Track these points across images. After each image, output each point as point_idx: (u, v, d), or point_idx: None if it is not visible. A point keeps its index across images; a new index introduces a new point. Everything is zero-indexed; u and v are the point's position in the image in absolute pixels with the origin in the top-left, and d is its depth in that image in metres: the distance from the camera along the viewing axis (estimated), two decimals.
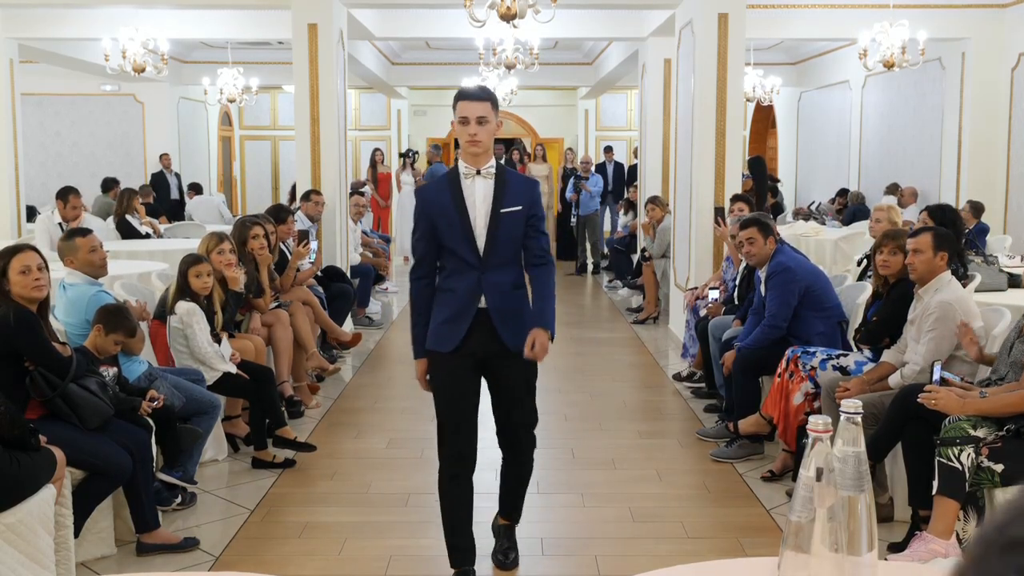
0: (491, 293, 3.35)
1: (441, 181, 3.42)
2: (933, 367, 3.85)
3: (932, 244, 4.12)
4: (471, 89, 3.37)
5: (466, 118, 3.27)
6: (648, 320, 9.38)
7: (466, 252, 3.33)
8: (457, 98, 3.33)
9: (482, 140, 3.27)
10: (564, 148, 17.00)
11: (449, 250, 3.37)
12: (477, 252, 3.34)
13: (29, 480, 3.17)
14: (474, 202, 3.33)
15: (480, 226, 3.33)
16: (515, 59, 9.57)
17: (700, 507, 4.44)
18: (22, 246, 3.80)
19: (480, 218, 3.33)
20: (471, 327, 3.35)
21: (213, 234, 5.44)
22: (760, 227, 5.24)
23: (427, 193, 3.47)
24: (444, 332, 3.37)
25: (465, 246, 3.33)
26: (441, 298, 3.40)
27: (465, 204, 3.32)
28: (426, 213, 3.37)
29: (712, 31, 7.52)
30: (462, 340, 3.35)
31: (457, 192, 3.33)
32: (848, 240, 8.82)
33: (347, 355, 7.66)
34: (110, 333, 4.09)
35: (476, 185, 3.33)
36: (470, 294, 3.35)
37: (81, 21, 10.32)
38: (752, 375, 5.15)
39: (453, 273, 3.39)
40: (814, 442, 1.52)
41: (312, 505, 4.41)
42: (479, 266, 3.35)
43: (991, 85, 9.95)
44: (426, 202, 3.40)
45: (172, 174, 14.32)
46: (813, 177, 14.98)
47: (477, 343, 3.36)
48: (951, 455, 3.39)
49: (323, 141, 8.17)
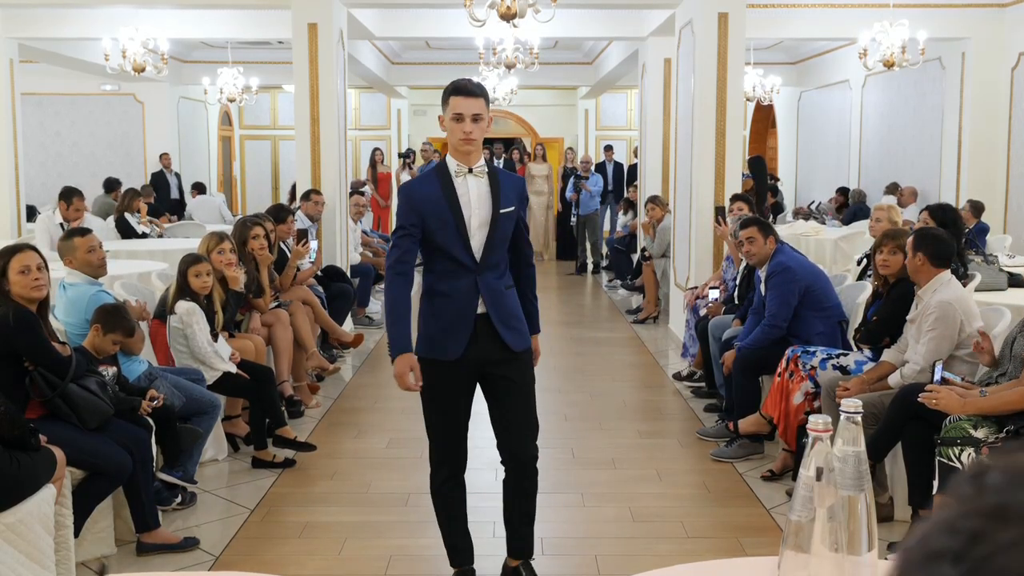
0: (489, 296, 3.21)
1: (429, 177, 3.24)
2: (935, 367, 3.85)
3: (912, 245, 4.17)
4: (467, 84, 3.16)
5: (461, 115, 3.11)
6: (648, 320, 9.38)
7: (460, 253, 3.17)
8: (451, 92, 3.13)
9: (476, 138, 3.14)
10: (564, 148, 16.99)
11: (441, 251, 3.20)
12: (472, 254, 3.18)
13: (29, 480, 3.17)
14: (469, 202, 3.17)
15: (475, 227, 3.18)
16: (515, 59, 9.57)
17: (700, 507, 4.44)
18: (21, 246, 3.80)
19: (475, 219, 3.18)
20: (473, 333, 3.21)
21: (213, 234, 5.44)
22: (760, 226, 5.25)
23: (416, 188, 3.25)
24: (443, 339, 3.20)
25: (459, 247, 3.17)
26: (435, 303, 3.23)
27: (459, 204, 3.16)
28: (416, 209, 3.18)
29: (712, 31, 7.52)
30: (465, 347, 3.20)
31: (450, 191, 3.17)
32: (848, 240, 8.82)
33: (347, 355, 7.66)
34: (108, 333, 4.09)
35: (469, 184, 3.18)
36: (467, 298, 3.20)
37: (81, 21, 10.31)
38: (752, 375, 5.15)
39: (445, 275, 3.22)
40: (814, 442, 1.52)
41: (312, 505, 4.41)
42: (475, 268, 3.20)
43: (991, 85, 9.94)
44: (415, 198, 3.20)
45: (172, 174, 14.32)
46: (813, 177, 14.98)
47: (480, 349, 3.22)
48: (952, 455, 3.39)
49: (323, 141, 8.17)
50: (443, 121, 3.17)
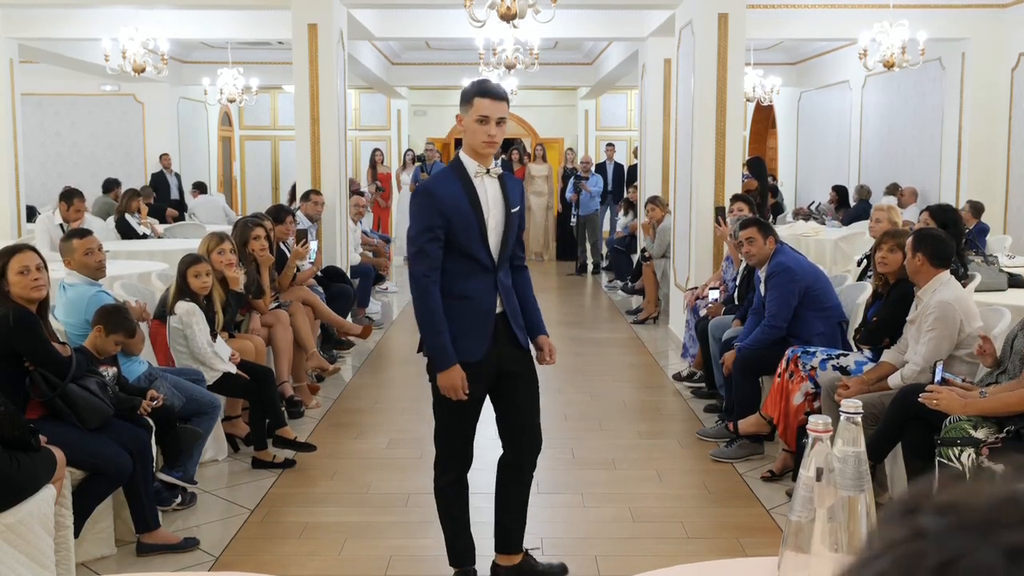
0: (505, 294, 3.26)
1: (449, 178, 3.22)
2: (935, 367, 3.85)
3: (911, 245, 4.17)
4: (493, 87, 3.15)
5: (487, 117, 3.09)
6: (648, 320, 9.38)
7: (481, 253, 3.18)
8: (477, 94, 3.10)
9: (499, 141, 3.15)
10: (564, 148, 16.99)
11: (462, 252, 3.17)
12: (491, 254, 3.20)
13: (29, 480, 3.17)
14: (487, 201, 3.18)
15: (492, 227, 3.20)
16: (515, 59, 9.57)
17: (700, 507, 4.44)
18: (21, 246, 3.80)
19: (492, 219, 3.20)
20: (493, 332, 3.24)
21: (213, 234, 5.44)
22: (760, 227, 5.26)
23: (437, 189, 3.20)
24: (465, 341, 3.19)
25: (481, 248, 3.17)
26: (452, 305, 3.18)
27: (480, 204, 3.17)
28: (440, 210, 3.12)
29: (712, 31, 7.52)
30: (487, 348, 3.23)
31: (471, 190, 3.16)
32: (848, 240, 8.83)
33: (347, 355, 7.66)
34: (111, 334, 4.09)
35: (486, 184, 3.20)
36: (488, 298, 3.22)
37: (81, 21, 10.31)
38: (752, 375, 5.15)
39: (461, 276, 3.19)
40: (814, 442, 1.52)
41: (312, 505, 4.41)
42: (493, 268, 3.22)
43: (991, 85, 9.94)
44: (438, 198, 3.15)
45: (172, 174, 14.31)
46: (813, 177, 14.97)
47: (500, 348, 3.26)
48: (951, 456, 3.39)
49: (323, 141, 8.17)
50: (461, 120, 3.14)
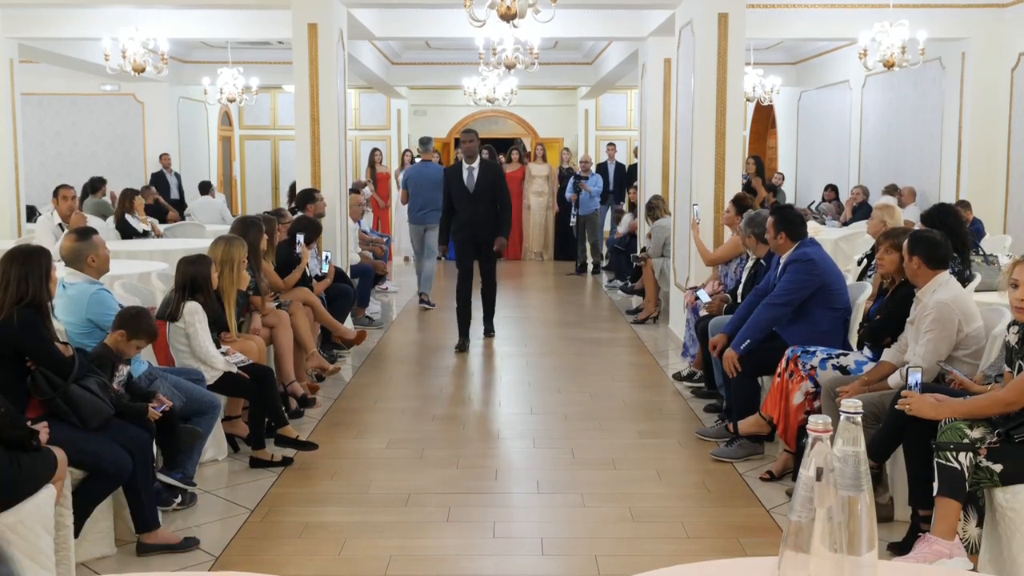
0: None
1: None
2: (907, 374, 3.84)
3: (907, 249, 4.17)
4: None
5: None
6: (648, 320, 9.38)
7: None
8: None
9: None
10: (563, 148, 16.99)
11: None
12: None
13: (29, 480, 3.17)
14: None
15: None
16: (515, 59, 9.56)
17: (700, 507, 4.44)
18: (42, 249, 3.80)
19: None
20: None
21: (232, 238, 5.43)
22: (775, 220, 5.25)
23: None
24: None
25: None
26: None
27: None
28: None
29: (712, 31, 7.52)
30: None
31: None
32: (848, 240, 8.83)
33: (347, 355, 7.66)
34: (132, 338, 4.08)
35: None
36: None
37: (81, 21, 10.31)
38: (752, 375, 5.16)
39: None
40: (814, 442, 1.52)
41: (312, 505, 4.41)
42: None
43: (991, 85, 9.95)
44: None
45: (172, 174, 14.32)
46: (813, 177, 14.97)
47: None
48: (949, 456, 3.39)
49: (323, 141, 8.18)
50: None
